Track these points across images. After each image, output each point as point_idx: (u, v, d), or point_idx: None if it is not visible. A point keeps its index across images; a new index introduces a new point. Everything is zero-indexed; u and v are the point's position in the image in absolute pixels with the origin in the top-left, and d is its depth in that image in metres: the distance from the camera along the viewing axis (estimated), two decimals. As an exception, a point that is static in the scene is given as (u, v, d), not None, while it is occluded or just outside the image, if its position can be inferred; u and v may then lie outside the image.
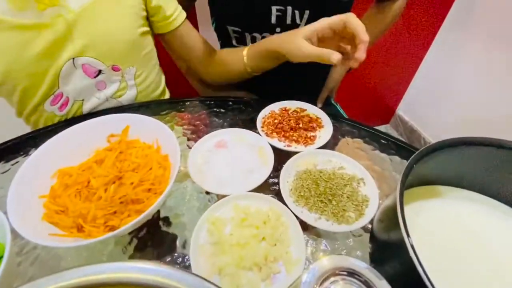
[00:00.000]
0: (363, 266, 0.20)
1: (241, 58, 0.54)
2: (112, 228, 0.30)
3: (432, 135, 1.57)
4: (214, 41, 0.66)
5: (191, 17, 0.90)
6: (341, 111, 0.79)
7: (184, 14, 0.56)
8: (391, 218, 0.25)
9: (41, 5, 0.40)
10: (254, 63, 0.53)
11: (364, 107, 1.66)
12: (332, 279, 0.19)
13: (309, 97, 0.69)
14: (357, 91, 1.54)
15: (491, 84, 1.23)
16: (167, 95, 0.66)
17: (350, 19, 0.40)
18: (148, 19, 0.53)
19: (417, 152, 0.27)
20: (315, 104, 0.60)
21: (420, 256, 0.21)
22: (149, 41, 0.55)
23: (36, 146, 0.45)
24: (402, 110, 1.75)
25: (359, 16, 0.83)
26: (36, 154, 0.35)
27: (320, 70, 0.71)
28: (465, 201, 0.33)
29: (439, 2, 1.28)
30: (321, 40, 0.43)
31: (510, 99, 1.16)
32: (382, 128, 1.85)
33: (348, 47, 0.44)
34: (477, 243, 0.30)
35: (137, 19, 0.50)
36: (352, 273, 0.19)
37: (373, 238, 0.30)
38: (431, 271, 0.20)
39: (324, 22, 0.42)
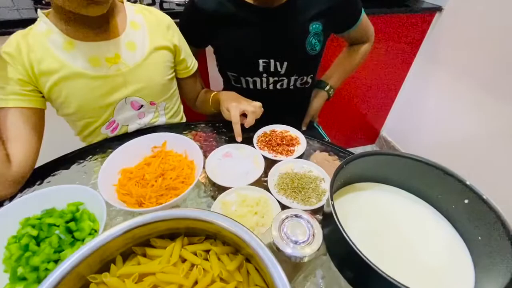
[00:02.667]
0: (307, 215, 0.37)
1: (208, 100, 0.77)
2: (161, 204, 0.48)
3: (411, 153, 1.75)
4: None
5: (203, 62, 1.13)
6: (322, 132, 0.99)
7: (197, 64, 0.78)
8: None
9: (109, 63, 0.61)
10: (215, 106, 0.76)
11: (351, 129, 1.86)
12: (289, 219, 0.37)
13: (295, 120, 0.89)
14: (345, 116, 1.74)
15: (457, 109, 1.43)
16: (184, 120, 0.86)
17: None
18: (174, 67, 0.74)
19: (345, 159, 0.45)
20: (300, 126, 0.79)
21: (345, 224, 0.38)
22: (174, 83, 0.76)
23: (96, 154, 0.65)
24: (385, 132, 1.95)
25: (332, 60, 1.06)
26: (108, 159, 0.53)
27: (303, 103, 0.92)
28: (385, 192, 0.50)
29: (411, 40, 1.52)
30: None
31: (473, 121, 1.35)
32: (368, 147, 2.04)
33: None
34: (389, 219, 0.47)
35: (168, 69, 0.70)
36: (300, 217, 0.37)
37: (323, 212, 0.48)
38: (353, 235, 0.37)
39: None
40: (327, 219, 0.43)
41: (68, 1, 0.50)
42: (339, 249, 0.40)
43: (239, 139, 0.65)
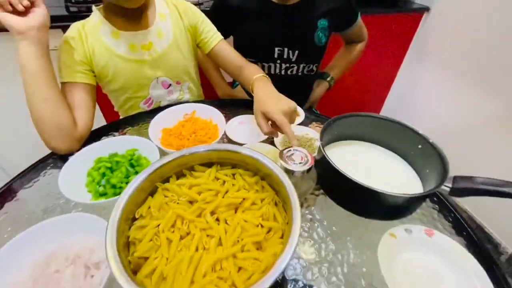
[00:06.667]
0: (303, 149, 0.53)
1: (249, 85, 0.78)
2: (195, 152, 0.64)
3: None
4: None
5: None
6: (319, 115, 1.15)
7: (218, 38, 0.83)
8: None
9: (144, 50, 0.77)
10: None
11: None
12: (291, 151, 0.53)
13: (298, 104, 1.05)
14: (341, 108, 1.89)
15: (443, 101, 1.59)
16: (202, 97, 1.03)
17: (284, 127, 0.61)
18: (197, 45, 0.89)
19: (330, 119, 0.61)
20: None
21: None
22: (195, 64, 0.91)
23: (135, 124, 0.81)
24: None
25: (332, 54, 1.22)
26: (153, 122, 0.69)
27: (306, 89, 1.08)
28: (364, 147, 0.67)
29: (402, 38, 1.67)
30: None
31: (458, 110, 1.51)
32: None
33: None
34: (367, 167, 0.63)
35: (190, 51, 0.86)
36: (298, 151, 0.53)
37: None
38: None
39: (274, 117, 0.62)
40: (319, 155, 0.59)
41: None
42: (327, 175, 0.56)
43: (295, 142, 0.58)
